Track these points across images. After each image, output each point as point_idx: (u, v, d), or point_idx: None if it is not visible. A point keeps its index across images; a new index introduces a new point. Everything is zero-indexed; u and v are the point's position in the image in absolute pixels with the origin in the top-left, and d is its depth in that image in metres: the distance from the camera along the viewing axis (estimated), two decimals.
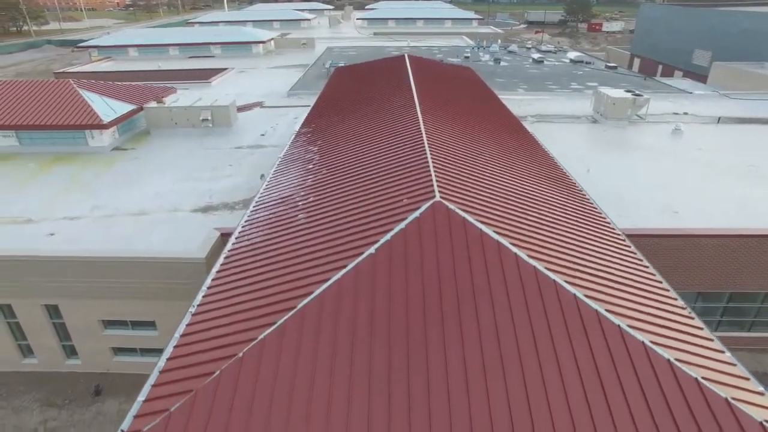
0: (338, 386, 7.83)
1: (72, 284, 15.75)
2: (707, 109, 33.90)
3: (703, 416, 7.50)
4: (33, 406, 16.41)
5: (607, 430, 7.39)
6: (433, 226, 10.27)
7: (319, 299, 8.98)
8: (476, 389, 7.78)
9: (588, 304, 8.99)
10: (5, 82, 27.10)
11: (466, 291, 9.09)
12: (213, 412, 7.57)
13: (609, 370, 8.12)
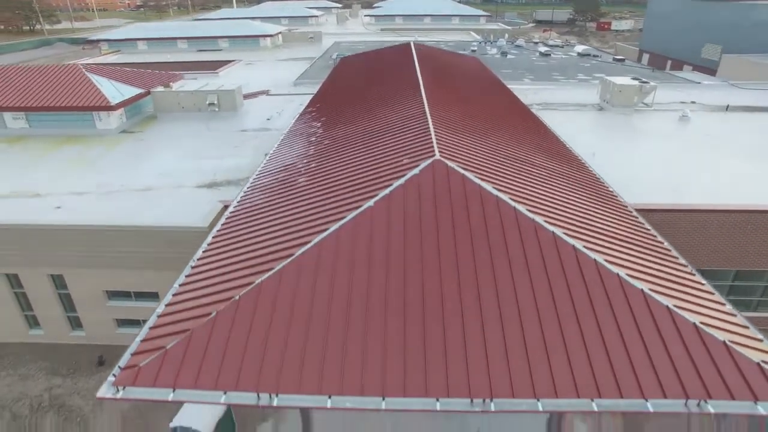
0: (333, 329, 7.86)
1: (77, 254, 15.93)
2: (716, 98, 33.55)
3: (701, 358, 7.45)
4: (38, 374, 16.60)
5: (605, 373, 7.35)
6: (432, 182, 10.28)
7: (317, 247, 9.02)
8: (472, 332, 7.78)
9: (587, 254, 8.96)
10: (16, 66, 27.50)
11: (464, 240, 9.08)
12: (208, 350, 7.63)
13: (607, 315, 8.08)
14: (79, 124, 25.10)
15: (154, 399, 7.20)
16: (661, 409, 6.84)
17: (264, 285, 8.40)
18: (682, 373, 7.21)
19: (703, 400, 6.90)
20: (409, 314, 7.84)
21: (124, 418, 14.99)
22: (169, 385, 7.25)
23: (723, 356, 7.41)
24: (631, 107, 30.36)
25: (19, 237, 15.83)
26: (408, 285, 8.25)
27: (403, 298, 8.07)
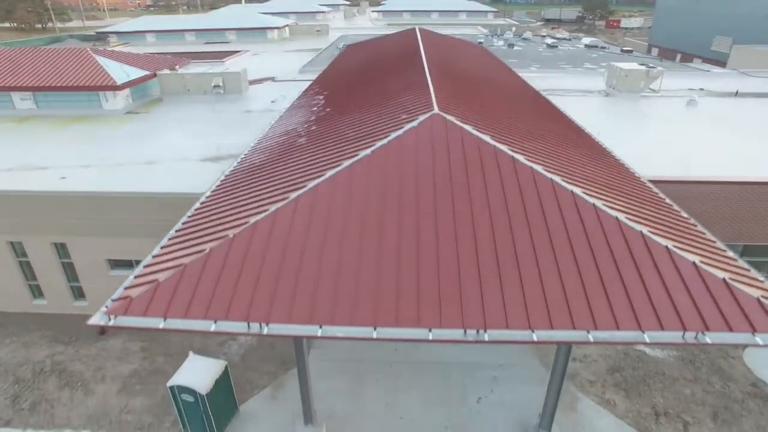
0: (326, 265, 7.83)
1: (79, 222, 16.05)
2: (725, 85, 33.15)
3: (700, 294, 7.32)
4: (41, 341, 16.74)
5: (603, 308, 7.25)
6: (430, 133, 10.23)
7: (312, 191, 9.01)
8: (467, 267, 7.70)
9: (585, 199, 8.86)
10: (24, 48, 27.81)
11: (461, 185, 9.02)
12: (200, 283, 7.63)
13: (606, 255, 7.98)
14: (85, 105, 25.33)
15: (145, 327, 7.20)
16: (658, 341, 6.72)
17: (258, 224, 8.39)
18: (680, 307, 7.09)
19: (701, 333, 6.78)
20: (404, 251, 7.80)
21: (125, 383, 15.08)
22: (160, 314, 7.25)
23: (722, 292, 7.28)
24: (637, 92, 30.10)
25: (22, 204, 15.98)
26: (403, 225, 8.20)
27: (398, 237, 8.02)
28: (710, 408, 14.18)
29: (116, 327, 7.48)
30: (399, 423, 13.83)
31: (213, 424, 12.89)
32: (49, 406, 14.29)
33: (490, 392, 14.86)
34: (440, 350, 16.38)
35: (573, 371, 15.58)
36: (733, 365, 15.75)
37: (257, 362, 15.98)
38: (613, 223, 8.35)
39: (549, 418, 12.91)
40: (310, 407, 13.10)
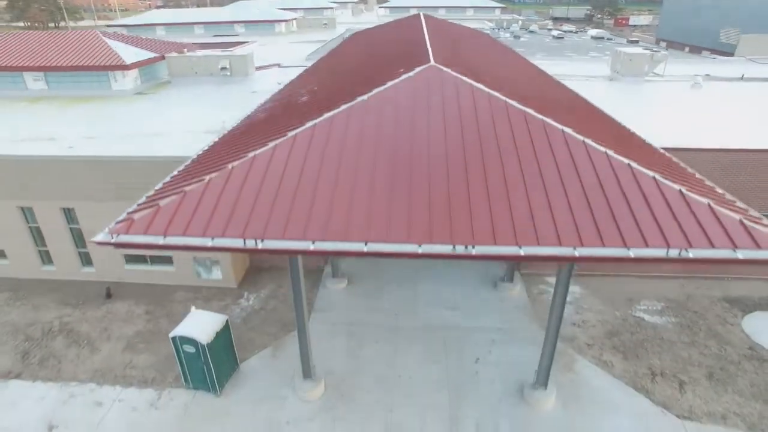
0: (321, 190, 8.08)
1: (88, 186, 16.45)
2: (731, 71, 33.03)
3: (684, 216, 7.48)
4: (50, 304, 17.16)
5: (589, 227, 7.43)
6: (426, 81, 10.47)
7: (310, 129, 9.27)
8: (457, 190, 7.92)
9: (575, 137, 9.05)
10: (36, 32, 28.43)
11: (454, 125, 9.24)
12: (199, 206, 7.92)
13: (594, 185, 8.16)
14: (95, 85, 25.86)
15: (145, 243, 7.48)
16: (642, 256, 6.90)
17: (257, 157, 8.68)
18: (665, 228, 7.26)
19: (684, 249, 6.94)
20: (397, 176, 8.03)
21: (129, 342, 15.43)
22: (160, 233, 7.53)
23: (706, 215, 7.44)
24: (641, 76, 30.11)
25: (32, 170, 16.43)
26: (396, 156, 8.43)
27: (392, 166, 8.25)
28: (706, 369, 14.25)
29: (119, 244, 7.77)
30: (397, 380, 14.04)
31: (214, 377, 13.18)
32: (57, 362, 14.67)
33: (488, 353, 15.04)
34: (440, 315, 16.59)
35: (571, 335, 15.72)
36: (730, 331, 15.80)
37: (258, 324, 16.27)
38: (602, 157, 8.52)
39: (545, 373, 13.06)
40: (308, 362, 13.35)
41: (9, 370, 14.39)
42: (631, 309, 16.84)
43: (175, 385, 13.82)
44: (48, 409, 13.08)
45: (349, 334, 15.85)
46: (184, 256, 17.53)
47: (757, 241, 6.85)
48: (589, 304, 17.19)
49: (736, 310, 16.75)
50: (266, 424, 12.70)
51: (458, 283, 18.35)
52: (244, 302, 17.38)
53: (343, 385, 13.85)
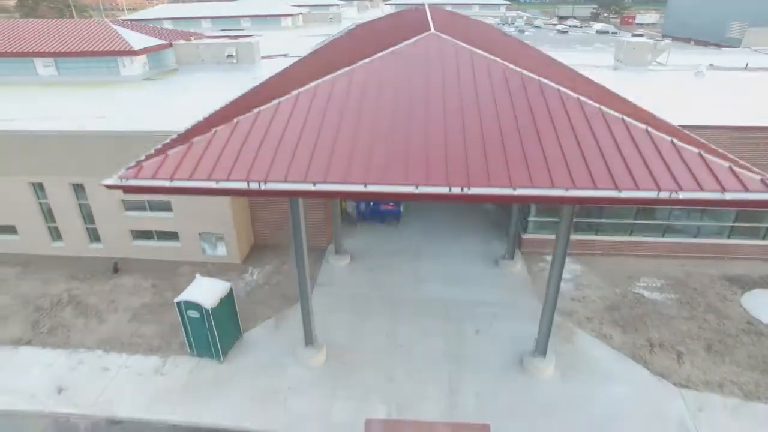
0: (323, 138, 8.32)
1: (97, 161, 16.79)
2: (735, 61, 33.00)
3: (676, 164, 7.67)
4: (59, 278, 17.53)
5: (582, 173, 7.63)
6: (426, 47, 10.70)
7: (314, 88, 9.53)
8: (454, 139, 8.14)
9: (570, 94, 9.27)
10: (47, 20, 28.93)
11: (452, 80, 9.46)
12: (205, 155, 8.20)
13: (588, 135, 8.35)
14: (105, 71, 26.28)
15: (153, 187, 7.75)
16: (632, 197, 7.09)
17: (261, 111, 8.95)
18: (656, 173, 7.45)
19: (674, 192, 7.13)
20: (396, 125, 8.26)
21: (135, 313, 15.75)
22: (167, 177, 7.80)
23: (696, 162, 7.62)
24: (644, 65, 30.18)
25: (42, 144, 16.80)
26: (396, 109, 8.66)
27: (392, 116, 8.48)
28: (704, 341, 14.37)
29: (128, 187, 8.04)
30: (398, 349, 14.25)
31: (218, 343, 13.46)
32: (66, 331, 15.01)
33: (488, 326, 15.23)
34: (443, 289, 16.80)
35: (571, 309, 15.88)
36: (729, 306, 15.89)
37: (262, 298, 16.55)
38: (596, 111, 8.71)
39: (544, 341, 13.24)
40: (310, 329, 13.60)
41: (19, 337, 14.75)
42: (630, 286, 16.97)
43: (179, 352, 14.11)
44: (57, 374, 13.41)
45: (351, 307, 16.08)
46: (190, 231, 17.84)
47: (745, 184, 7.02)
48: (589, 281, 17.33)
49: (736, 287, 16.84)
50: (268, 389, 12.95)
51: (460, 261, 18.55)
52: (248, 277, 17.67)
53: (345, 354, 14.08)
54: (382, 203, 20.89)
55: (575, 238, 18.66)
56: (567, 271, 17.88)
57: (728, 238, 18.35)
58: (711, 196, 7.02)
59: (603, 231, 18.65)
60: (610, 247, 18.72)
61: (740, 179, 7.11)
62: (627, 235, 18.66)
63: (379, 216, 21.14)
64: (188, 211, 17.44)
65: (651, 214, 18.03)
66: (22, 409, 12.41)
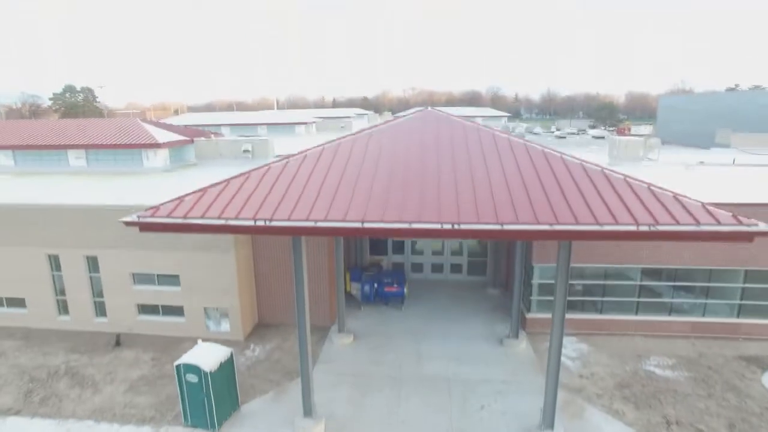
0: (326, 186, 9.05)
1: (111, 234, 17.63)
2: (723, 158, 34.76)
3: (652, 203, 8.21)
4: (59, 351, 17.44)
5: (564, 211, 8.15)
6: (423, 116, 11.89)
7: (320, 148, 10.51)
8: (446, 189, 8.82)
9: (554, 152, 10.08)
10: (82, 119, 31.89)
11: (447, 139, 10.40)
12: (217, 199, 8.93)
13: (569, 182, 9.00)
14: (129, 163, 28.32)
15: (167, 223, 8.33)
16: (613, 229, 7.52)
17: (272, 166, 9.81)
18: (634, 210, 7.97)
19: (652, 225, 7.57)
20: (393, 177, 8.99)
21: (132, 385, 15.47)
22: (180, 216, 8.42)
23: (671, 202, 8.14)
24: (638, 161, 31.86)
25: (62, 217, 17.80)
26: (393, 165, 9.48)
27: (390, 170, 9.26)
28: (726, 419, 13.61)
29: (144, 223, 8.59)
30: (400, 426, 13.63)
31: (214, 411, 13.05)
32: (58, 401, 14.65)
33: (493, 402, 14.63)
34: (446, 367, 16.36)
35: (579, 386, 15.31)
36: (749, 385, 15.23)
37: (262, 372, 16.21)
38: (577, 166, 9.43)
39: (551, 411, 12.69)
40: (309, 399, 13.21)
41: (9, 407, 14.38)
42: (640, 363, 16.46)
43: (173, 422, 13.61)
44: None
45: (353, 383, 15.65)
46: (195, 306, 18.03)
47: (718, 218, 7.46)
48: (596, 359, 16.86)
49: (754, 366, 16.25)
50: None
51: (464, 341, 18.26)
52: (249, 353, 17.44)
53: (345, 428, 13.48)
54: (386, 286, 21.11)
55: (579, 318, 18.56)
56: (573, 350, 17.55)
57: (738, 317, 18.07)
58: (687, 228, 7.42)
59: (607, 310, 18.51)
60: (616, 326, 18.44)
61: (713, 215, 7.56)
62: (632, 314, 18.46)
63: (383, 298, 21.22)
64: (195, 285, 17.80)
65: (654, 292, 18.04)
66: None
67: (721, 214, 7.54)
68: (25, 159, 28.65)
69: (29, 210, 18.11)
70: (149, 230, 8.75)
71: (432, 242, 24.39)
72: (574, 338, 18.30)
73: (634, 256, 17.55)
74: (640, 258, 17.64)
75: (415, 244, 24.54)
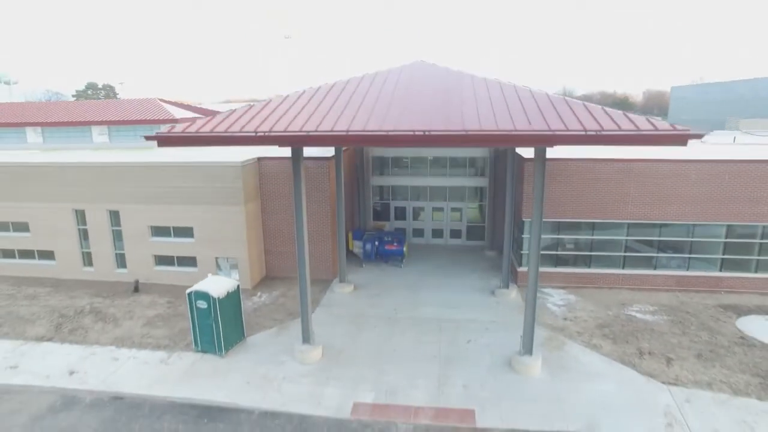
0: (322, 108, 10.31)
1: (131, 190, 19.19)
2: (726, 138, 35.17)
3: (602, 117, 9.27)
4: (84, 295, 19.05)
5: (523, 120, 9.26)
6: (412, 65, 13.11)
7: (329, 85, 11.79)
8: (420, 105, 10.02)
9: (538, 90, 11.20)
10: (104, 101, 33.80)
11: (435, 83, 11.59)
12: (224, 120, 10.22)
13: (530, 101, 10.12)
14: None
15: (182, 135, 9.67)
16: (564, 134, 8.63)
17: (289, 96, 11.12)
18: (583, 120, 9.04)
19: (599, 131, 8.66)
20: (378, 102, 10.22)
21: (149, 320, 16.95)
22: (193, 130, 9.76)
23: (620, 117, 9.21)
24: None
25: (87, 175, 19.42)
26: (380, 97, 10.72)
27: (376, 99, 10.49)
28: (695, 351, 14.52)
29: (162, 137, 9.94)
30: (392, 353, 14.80)
31: (221, 337, 14.40)
32: (84, 332, 16.18)
33: (480, 337, 15.74)
34: (438, 311, 17.51)
35: (562, 326, 16.32)
36: (723, 326, 16.07)
37: (267, 313, 17.56)
38: (543, 95, 10.53)
39: (529, 337, 13.75)
40: (308, 326, 14.48)
41: (43, 335, 15.96)
42: (623, 310, 17.39)
43: (185, 349, 15.00)
44: (71, 362, 14.40)
45: (351, 322, 16.88)
46: (207, 256, 19.47)
47: (656, 125, 8.50)
48: (582, 306, 17.83)
49: (731, 312, 17.07)
50: (264, 377, 13.58)
51: (458, 291, 19.38)
52: (256, 299, 18.82)
53: (340, 355, 14.72)
54: (387, 244, 22.32)
55: (569, 271, 19.54)
56: (561, 299, 18.55)
57: (720, 271, 18.87)
58: (628, 133, 8.48)
59: (596, 263, 19.45)
60: (604, 280, 19.36)
61: (652, 123, 8.62)
62: (620, 268, 19.37)
63: (383, 256, 22.43)
64: (207, 237, 19.25)
65: (640, 246, 18.94)
66: (37, 384, 13.32)
67: (660, 123, 8.56)
68: (53, 135, 30.59)
69: (58, 168, 19.77)
70: (166, 144, 10.09)
71: (433, 210, 25.54)
72: (563, 291, 19.28)
73: (621, 211, 18.48)
74: (626, 213, 18.56)
75: (418, 215, 25.70)
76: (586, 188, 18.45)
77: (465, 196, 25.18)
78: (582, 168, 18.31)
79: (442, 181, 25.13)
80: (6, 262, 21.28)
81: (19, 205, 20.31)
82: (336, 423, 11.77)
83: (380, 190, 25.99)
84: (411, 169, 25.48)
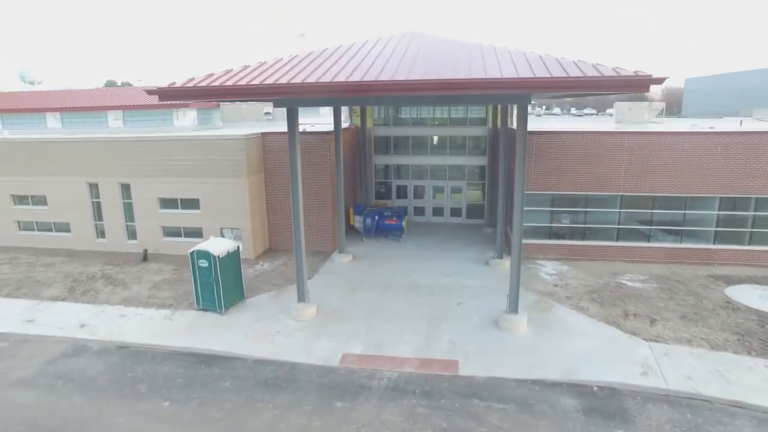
0: (332, 69, 10.99)
1: (141, 164, 20.14)
2: (733, 125, 34.97)
3: (589, 68, 9.75)
4: (97, 263, 20.07)
5: (511, 71, 9.80)
6: (404, 32, 13.70)
7: (332, 48, 12.47)
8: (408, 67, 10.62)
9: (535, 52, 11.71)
10: (119, 88, 35.03)
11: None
12: (222, 77, 10.93)
13: (521, 58, 10.65)
14: (161, 123, 31.17)
15: (181, 88, 10.42)
16: (547, 78, 9.16)
17: (270, 60, 11.84)
18: (569, 70, 9.55)
19: (564, 77, 9.16)
20: (373, 66, 10.86)
21: (155, 284, 17.84)
22: (193, 84, 10.51)
23: (588, 67, 9.69)
24: (642, 123, 32.62)
25: (99, 150, 20.43)
26: (374, 63, 11.36)
27: (370, 64, 11.13)
28: (680, 313, 14.83)
29: (163, 90, 10.69)
30: (383, 313, 15.42)
31: (221, 296, 15.18)
32: (95, 293, 17.15)
33: (470, 300, 16.26)
34: (433, 279, 18.06)
35: (552, 291, 16.74)
36: (710, 293, 16.32)
37: (267, 278, 18.34)
38: (519, 53, 11.04)
39: (515, 296, 14.22)
40: (303, 285, 15.17)
41: (57, 295, 16.97)
42: (613, 278, 17.73)
43: (188, 308, 15.84)
44: (82, 317, 15.34)
45: (347, 287, 17.54)
46: (213, 227, 20.33)
47: (620, 72, 8.97)
48: (574, 275, 18.21)
49: (721, 282, 17.28)
50: (260, 332, 14.32)
51: (453, 262, 19.91)
52: (258, 267, 19.62)
53: (334, 313, 15.39)
54: (387, 219, 22.94)
55: (563, 243, 19.92)
56: (553, 269, 18.96)
57: (714, 243, 19.07)
58: (592, 77, 8.97)
59: (590, 236, 19.79)
60: (598, 253, 19.69)
61: (617, 71, 9.10)
62: (613, 240, 19.68)
63: (383, 231, 23.05)
64: (212, 208, 20.11)
65: (633, 218, 19.24)
66: (51, 334, 14.29)
67: (624, 70, 9.03)
68: (71, 120, 31.88)
69: (72, 144, 20.83)
70: (167, 97, 10.82)
71: (434, 189, 26.09)
72: (557, 262, 19.68)
73: (614, 184, 18.82)
74: (618, 186, 18.88)
75: (420, 194, 26.27)
76: (581, 162, 18.82)
77: (465, 175, 25.67)
78: (574, 141, 18.69)
79: (442, 159, 25.65)
80: (26, 234, 22.46)
81: (37, 179, 21.45)
82: (325, 369, 12.44)
83: (383, 170, 26.62)
84: (413, 149, 26.05)
